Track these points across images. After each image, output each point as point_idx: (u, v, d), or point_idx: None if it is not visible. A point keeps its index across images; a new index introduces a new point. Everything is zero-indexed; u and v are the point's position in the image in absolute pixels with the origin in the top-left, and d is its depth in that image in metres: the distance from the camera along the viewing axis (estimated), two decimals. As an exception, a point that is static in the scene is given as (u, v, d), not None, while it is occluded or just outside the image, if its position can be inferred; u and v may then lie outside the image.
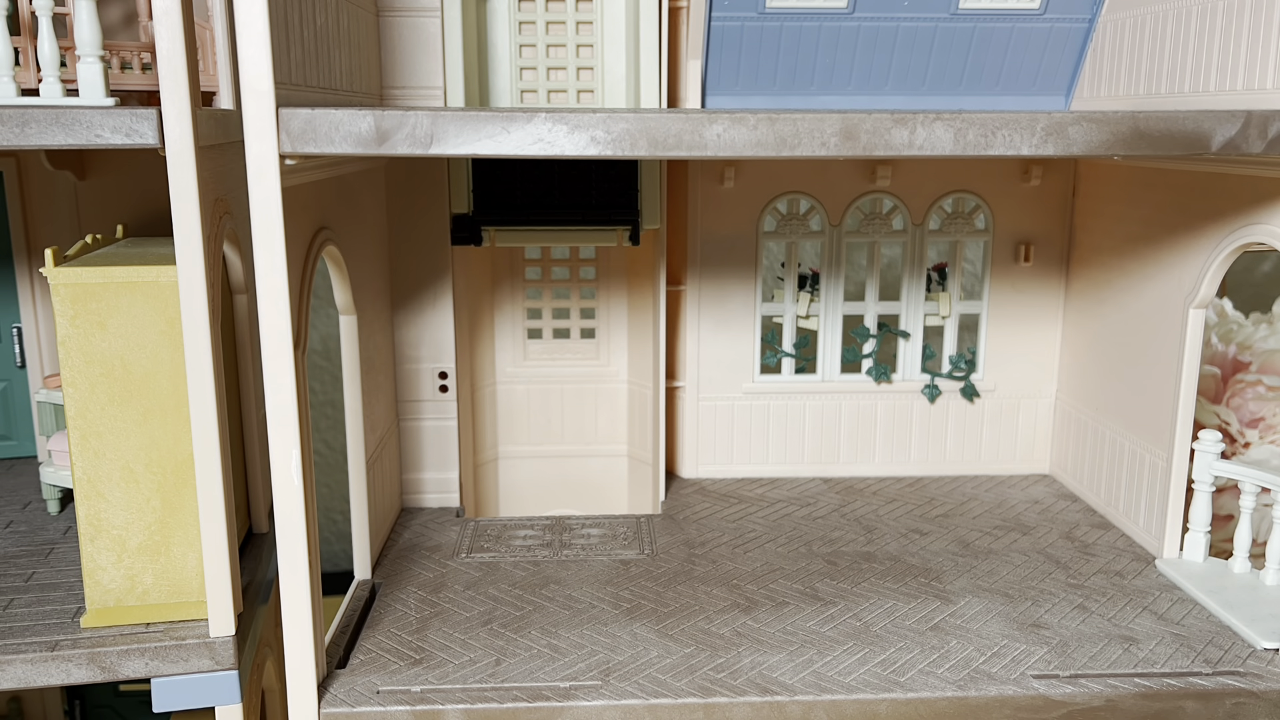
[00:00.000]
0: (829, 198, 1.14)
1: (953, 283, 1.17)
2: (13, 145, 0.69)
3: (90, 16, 0.72)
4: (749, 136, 0.68)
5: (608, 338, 1.23)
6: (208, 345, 0.72)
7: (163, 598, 0.78)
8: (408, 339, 1.10)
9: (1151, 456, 0.99)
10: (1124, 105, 0.99)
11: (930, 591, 0.91)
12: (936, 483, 1.18)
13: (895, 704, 0.76)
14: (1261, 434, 1.05)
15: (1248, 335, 1.09)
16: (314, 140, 0.66)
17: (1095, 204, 1.11)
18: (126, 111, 0.69)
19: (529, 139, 0.67)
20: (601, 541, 1.02)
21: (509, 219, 1.07)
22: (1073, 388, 1.16)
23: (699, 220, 1.13)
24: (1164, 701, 0.77)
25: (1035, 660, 0.80)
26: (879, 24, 1.00)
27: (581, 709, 0.75)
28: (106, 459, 0.75)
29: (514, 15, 1.02)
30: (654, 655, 0.81)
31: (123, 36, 0.99)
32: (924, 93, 1.05)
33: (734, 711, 0.75)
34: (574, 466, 1.24)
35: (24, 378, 1.10)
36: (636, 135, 0.67)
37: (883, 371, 1.18)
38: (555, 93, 1.04)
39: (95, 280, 0.73)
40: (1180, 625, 0.85)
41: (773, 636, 0.84)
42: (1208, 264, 0.91)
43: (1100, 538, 1.03)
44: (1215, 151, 0.71)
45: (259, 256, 0.68)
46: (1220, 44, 0.86)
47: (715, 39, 1.00)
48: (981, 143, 0.69)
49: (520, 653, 0.81)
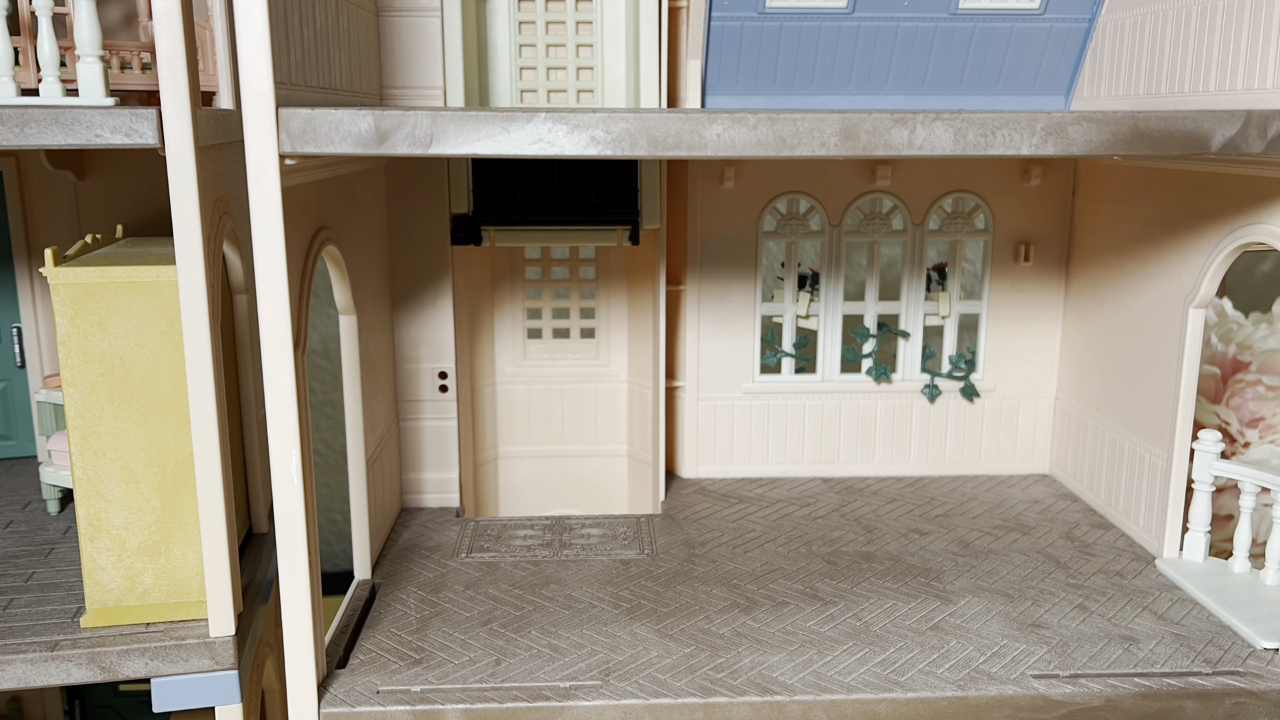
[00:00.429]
0: (829, 198, 1.14)
1: (952, 283, 1.17)
2: (13, 145, 0.69)
3: (90, 16, 0.72)
4: (749, 136, 0.68)
5: (608, 338, 1.23)
6: (208, 345, 0.72)
7: (163, 598, 0.78)
8: (408, 339, 1.10)
9: (1151, 456, 0.99)
10: (1124, 105, 0.99)
11: (930, 591, 0.91)
12: (936, 483, 1.18)
13: (895, 704, 0.76)
14: (1261, 434, 1.05)
15: (1248, 335, 1.09)
16: (314, 140, 0.66)
17: (1095, 204, 1.11)
18: (126, 111, 0.69)
19: (529, 139, 0.67)
20: (601, 541, 1.02)
21: (509, 219, 1.07)
22: (1073, 388, 1.16)
23: (699, 220, 1.13)
24: (1164, 701, 0.77)
25: (1035, 660, 0.80)
26: (879, 24, 1.00)
27: (581, 709, 0.75)
28: (106, 459, 0.75)
29: (514, 15, 1.02)
30: (654, 655, 0.81)
31: (123, 36, 0.99)
32: (924, 93, 1.05)
33: (734, 711, 0.75)
34: (574, 466, 1.24)
35: (24, 378, 1.10)
36: (636, 135, 0.67)
37: (883, 371, 1.18)
38: (555, 92, 1.04)
39: (95, 280, 0.73)
40: (1180, 625, 0.85)
41: (773, 636, 0.84)
42: (1208, 264, 0.91)
43: (1100, 537, 1.03)
44: (1215, 151, 0.71)
45: (259, 256, 0.68)
46: (1220, 44, 0.86)
47: (715, 39, 1.00)
48: (981, 143, 0.69)
49: (520, 653, 0.81)
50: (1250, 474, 0.91)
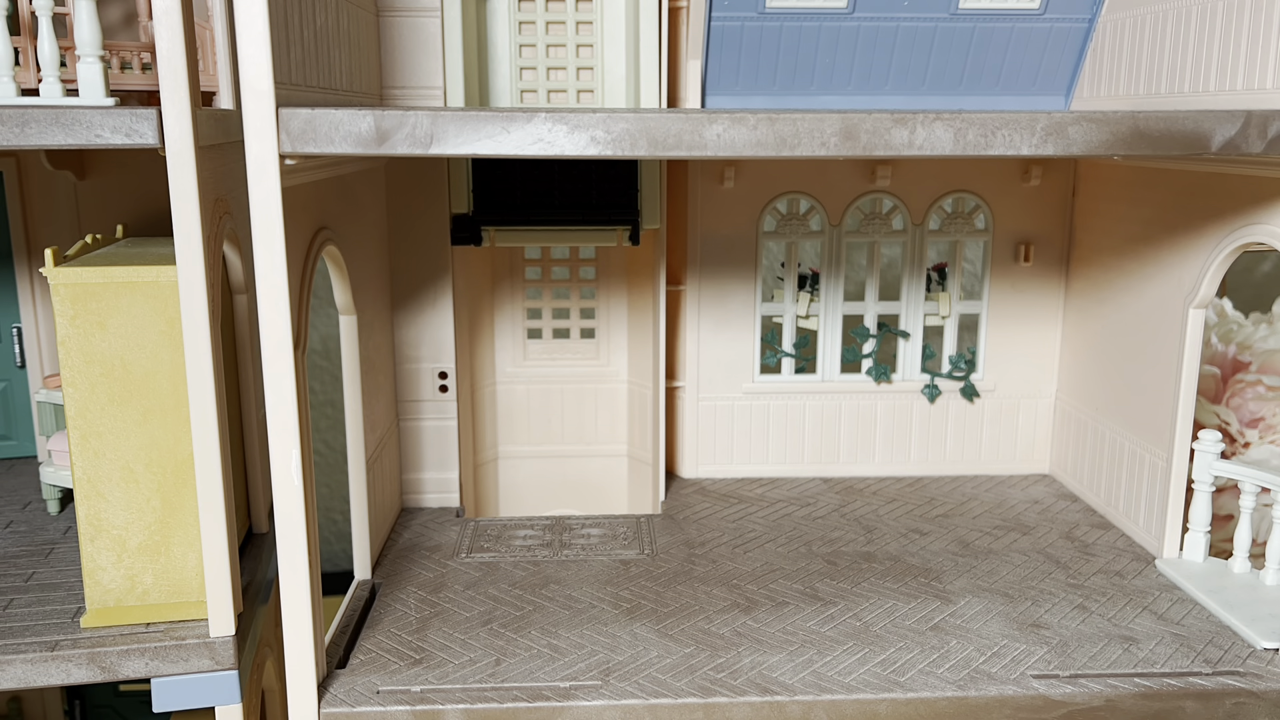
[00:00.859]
0: (829, 198, 1.14)
1: (952, 283, 1.17)
2: (13, 145, 0.69)
3: (90, 16, 0.72)
4: (749, 136, 0.68)
5: (607, 338, 1.23)
6: (208, 345, 0.72)
7: (163, 598, 0.78)
8: (408, 339, 1.10)
9: (1151, 456, 0.99)
10: (1124, 105, 0.99)
11: (930, 591, 0.91)
12: (936, 483, 1.18)
13: (895, 704, 0.76)
14: (1261, 434, 1.05)
15: (1248, 335, 1.08)
16: (314, 140, 0.66)
17: (1095, 204, 1.11)
18: (126, 111, 0.69)
19: (529, 139, 0.67)
20: (601, 541, 1.02)
21: (509, 219, 1.07)
22: (1072, 388, 1.16)
23: (699, 220, 1.13)
24: (1164, 701, 0.77)
25: (1035, 660, 0.80)
26: (879, 24, 1.00)
27: (581, 709, 0.75)
28: (106, 459, 0.75)
29: (514, 15, 1.02)
30: (654, 655, 0.81)
31: (123, 36, 0.99)
32: (923, 93, 1.05)
33: (734, 711, 0.75)
34: (574, 466, 1.24)
35: (24, 378, 1.10)
36: (636, 135, 0.67)
37: (883, 371, 1.18)
38: (555, 93, 1.04)
39: (95, 280, 0.73)
40: (1180, 625, 0.85)
41: (773, 636, 0.84)
42: (1208, 264, 0.91)
43: (1100, 538, 1.03)
44: (1215, 151, 0.71)
45: (259, 256, 0.68)
46: (1220, 44, 0.86)
47: (715, 39, 1.00)
48: (981, 143, 0.69)
49: (520, 653, 0.81)
50: (1250, 474, 0.91)
